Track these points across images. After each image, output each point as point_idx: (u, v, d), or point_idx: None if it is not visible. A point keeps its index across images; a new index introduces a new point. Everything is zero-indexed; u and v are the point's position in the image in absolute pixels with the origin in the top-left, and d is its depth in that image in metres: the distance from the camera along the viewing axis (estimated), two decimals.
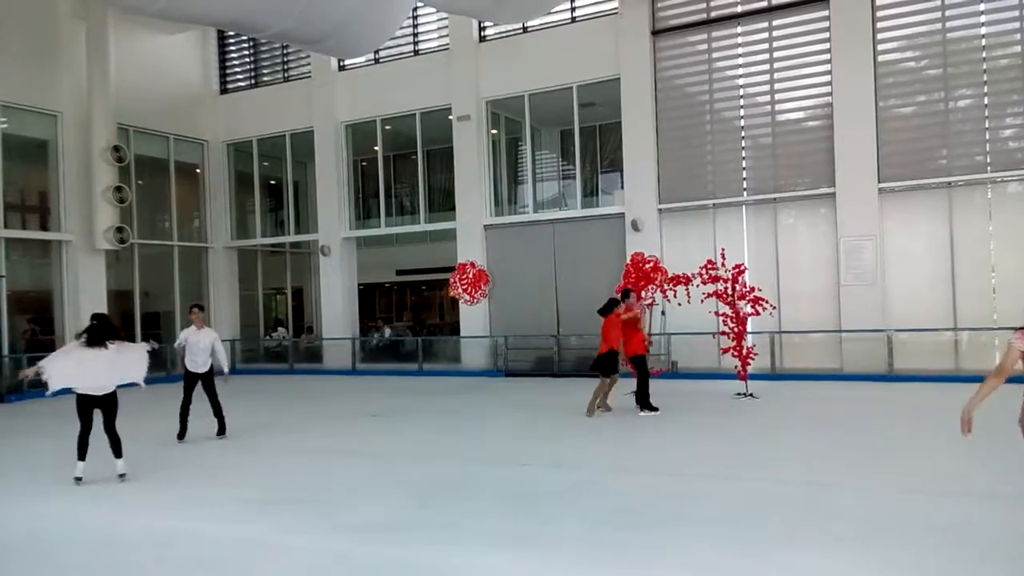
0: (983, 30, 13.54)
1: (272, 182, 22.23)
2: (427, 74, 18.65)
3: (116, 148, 17.59)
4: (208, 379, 9.60)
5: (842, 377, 13.74)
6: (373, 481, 7.43)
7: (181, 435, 9.55)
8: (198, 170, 21.45)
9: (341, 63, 19.84)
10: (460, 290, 17.72)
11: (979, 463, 7.23)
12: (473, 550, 5.27)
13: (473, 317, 17.89)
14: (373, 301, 22.64)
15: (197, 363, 9.48)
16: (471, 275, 17.63)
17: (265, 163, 21.65)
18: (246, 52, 21.74)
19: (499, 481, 7.21)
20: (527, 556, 5.12)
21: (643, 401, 10.65)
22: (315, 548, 5.42)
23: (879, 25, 14.17)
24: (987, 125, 13.49)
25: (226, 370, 9.93)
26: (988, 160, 13.45)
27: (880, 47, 14.17)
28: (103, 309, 17.14)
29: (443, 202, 19.44)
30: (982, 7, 13.55)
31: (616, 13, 16.43)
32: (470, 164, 17.99)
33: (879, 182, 14.01)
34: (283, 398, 14.55)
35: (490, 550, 5.27)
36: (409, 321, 22.51)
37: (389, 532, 5.76)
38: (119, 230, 17.58)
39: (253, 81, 21.70)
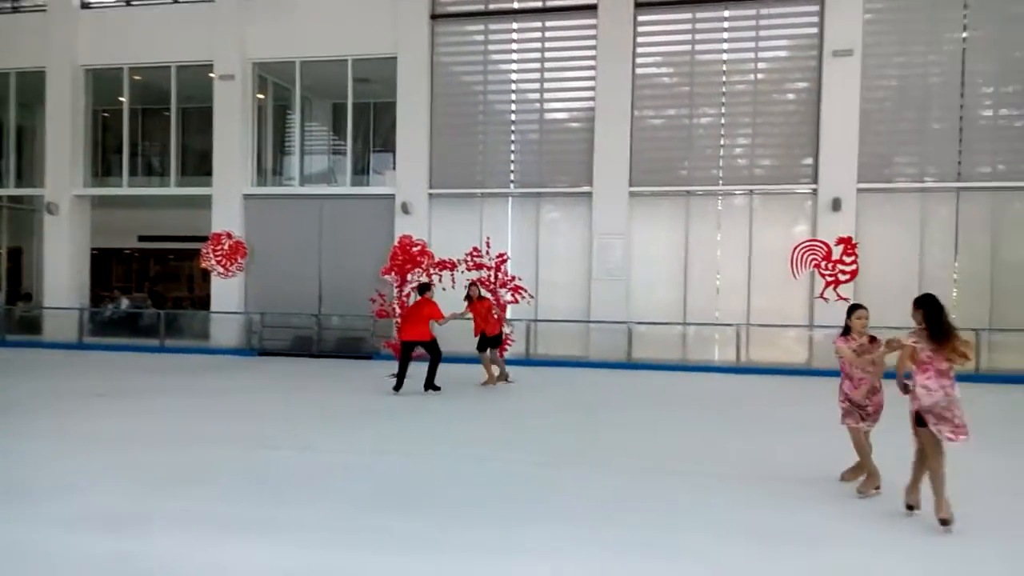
0: (725, 56, 15.11)
1: None
2: (187, 25, 17.12)
3: None
4: None
5: (589, 364, 14.71)
6: (97, 468, 6.65)
7: None
8: None
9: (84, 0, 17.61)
10: (213, 261, 16.55)
11: (690, 442, 8.07)
12: (208, 540, 4.89)
13: (226, 292, 16.77)
14: (109, 268, 20.39)
15: None
16: (227, 246, 16.53)
17: None
18: None
19: (244, 466, 6.79)
20: (270, 544, 4.85)
21: (430, 382, 11.02)
22: (10, 540, 4.72)
23: (639, 40, 15.27)
24: (722, 143, 15.10)
25: None
26: (720, 174, 15.07)
27: (639, 60, 15.29)
28: None
29: (199, 166, 17.99)
30: (725, 35, 15.11)
31: None
32: (231, 128, 16.82)
33: (630, 186, 15.14)
34: None
35: (227, 539, 4.93)
36: (146, 293, 20.53)
37: (107, 523, 5.18)
38: None
39: None
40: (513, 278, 12.69)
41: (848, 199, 14.13)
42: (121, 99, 17.84)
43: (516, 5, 16.00)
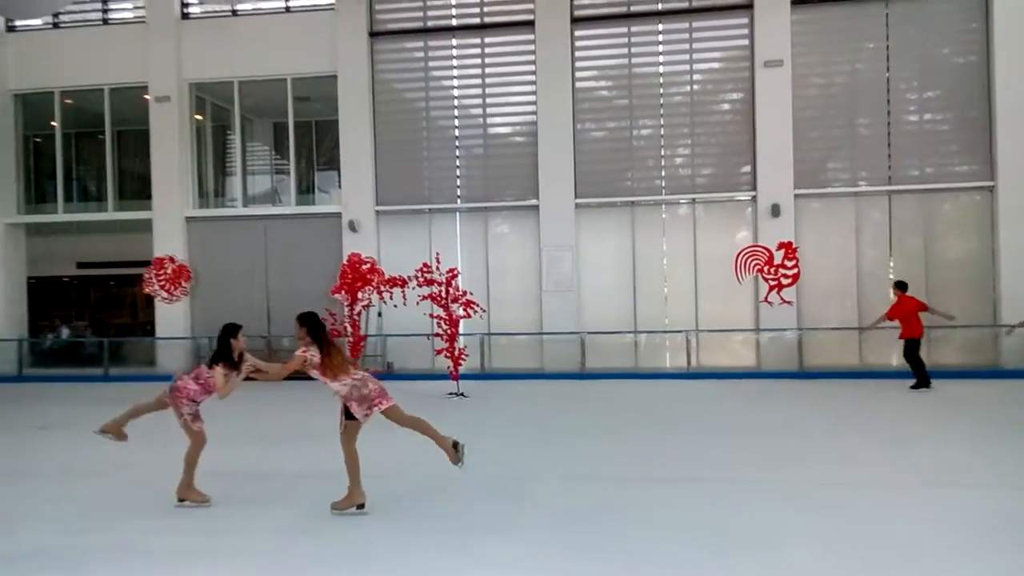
0: (661, 68, 15.47)
1: None
2: (119, 47, 16.81)
3: None
4: None
5: (543, 376, 14.83)
6: (41, 502, 6.50)
7: None
8: None
9: (9, 23, 17.09)
10: (156, 287, 16.20)
11: (649, 449, 8.23)
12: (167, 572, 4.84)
13: (172, 317, 16.43)
14: (47, 297, 19.73)
15: None
16: (170, 271, 16.21)
17: None
18: None
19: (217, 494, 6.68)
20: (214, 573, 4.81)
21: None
22: None
23: (577, 54, 15.53)
24: (663, 153, 15.43)
25: None
26: (663, 184, 15.40)
27: (578, 74, 15.54)
28: None
29: (138, 189, 17.59)
30: (660, 48, 15.48)
31: (332, 9, 16.14)
32: (170, 150, 16.53)
33: (576, 198, 15.34)
34: None
35: (179, 571, 4.88)
36: (87, 321, 19.88)
37: (55, 558, 5.10)
38: None
39: None
40: (464, 293, 12.73)
41: (786, 205, 14.58)
42: (53, 123, 17.37)
43: (455, 22, 16.11)
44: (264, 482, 7.23)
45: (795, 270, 14.35)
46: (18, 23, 17.12)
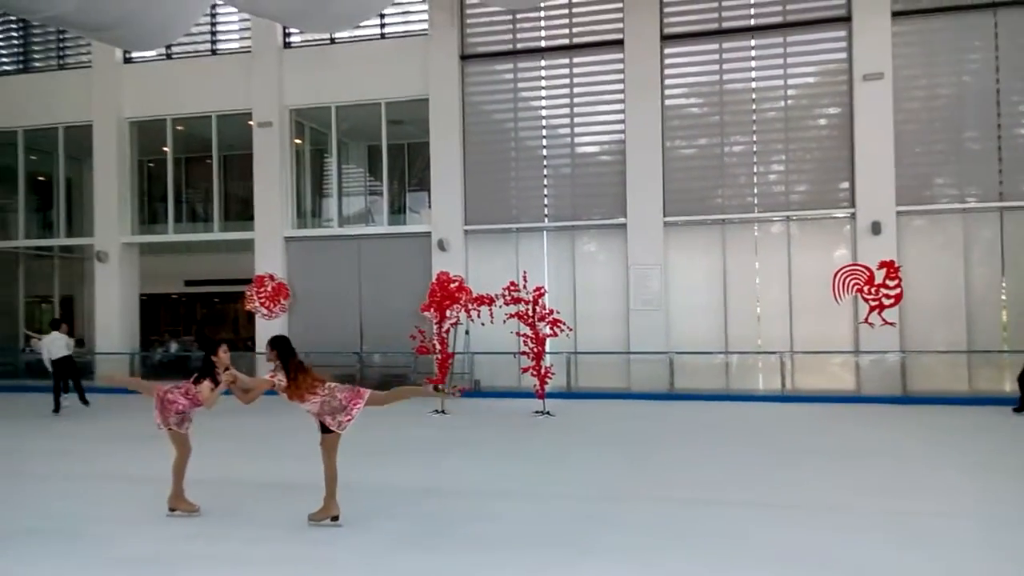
0: (754, 84, 15.16)
1: (40, 178, 19.94)
2: (226, 75, 17.71)
3: None
4: None
5: (630, 395, 14.64)
6: (155, 509, 6.83)
7: None
8: None
9: (127, 55, 18.32)
10: (257, 303, 16.89)
11: (741, 473, 7.99)
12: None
13: (271, 333, 16.89)
14: (157, 313, 20.91)
15: None
16: (270, 288, 16.88)
17: (32, 156, 19.41)
18: (14, 33, 19.43)
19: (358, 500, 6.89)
20: None
21: None
22: None
23: (666, 72, 15.40)
24: (755, 170, 15.08)
25: None
26: (756, 202, 15.04)
27: (667, 92, 15.39)
28: None
29: (240, 211, 18.46)
30: (753, 64, 15.18)
31: (426, 34, 16.57)
32: (271, 173, 17.26)
33: (664, 216, 15.16)
34: (43, 417, 12.99)
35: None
36: (193, 336, 20.95)
37: (157, 565, 5.36)
38: None
39: (22, 66, 19.44)
40: (551, 311, 12.74)
41: (888, 222, 13.98)
42: (165, 149, 18.45)
43: (544, 44, 16.26)
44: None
45: (898, 290, 13.70)
46: (135, 55, 18.33)
